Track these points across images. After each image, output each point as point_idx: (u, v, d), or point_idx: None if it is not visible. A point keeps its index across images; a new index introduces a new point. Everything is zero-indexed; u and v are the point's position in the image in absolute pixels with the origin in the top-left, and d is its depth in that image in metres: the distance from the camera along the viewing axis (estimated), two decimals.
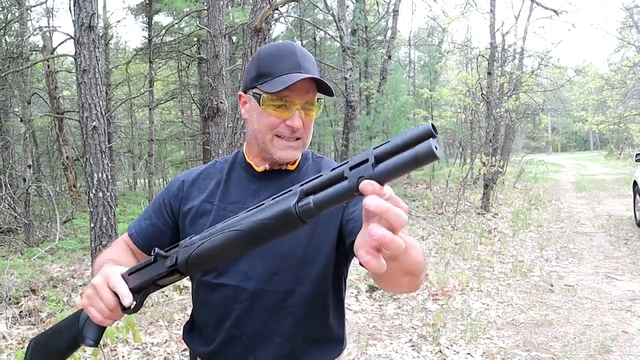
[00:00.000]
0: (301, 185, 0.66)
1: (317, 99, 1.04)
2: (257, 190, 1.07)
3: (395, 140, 0.56)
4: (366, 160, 0.57)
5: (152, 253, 0.84)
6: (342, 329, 1.12)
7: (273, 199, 0.69)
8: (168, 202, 1.13)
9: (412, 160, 0.54)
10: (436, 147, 0.53)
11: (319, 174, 0.64)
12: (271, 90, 0.99)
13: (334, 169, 0.62)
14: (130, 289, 0.83)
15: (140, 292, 0.85)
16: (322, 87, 1.02)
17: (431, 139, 0.53)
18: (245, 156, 1.12)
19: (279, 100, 1.00)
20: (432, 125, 0.54)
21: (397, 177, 0.56)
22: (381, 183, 0.56)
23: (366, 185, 0.55)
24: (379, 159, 0.57)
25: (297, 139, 1.04)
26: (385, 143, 0.57)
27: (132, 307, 0.83)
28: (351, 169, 0.59)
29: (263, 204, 0.70)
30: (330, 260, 1.03)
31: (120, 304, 0.83)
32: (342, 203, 0.61)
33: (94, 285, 0.85)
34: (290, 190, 0.67)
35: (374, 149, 0.58)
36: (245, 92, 1.08)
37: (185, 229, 1.08)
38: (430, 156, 0.53)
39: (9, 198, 7.81)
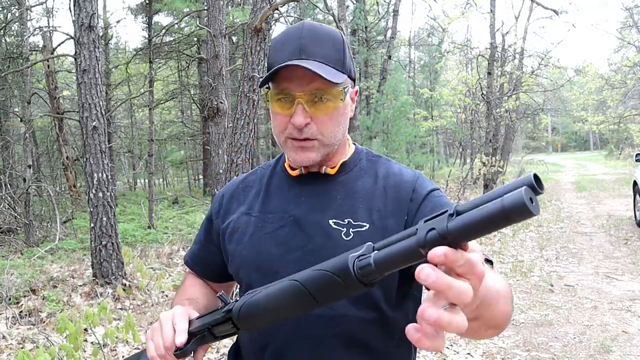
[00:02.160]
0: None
1: (342, 88, 0.86)
2: (297, 195, 0.93)
3: (487, 193, 0.44)
4: (445, 212, 0.46)
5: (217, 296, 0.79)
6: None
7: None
8: (213, 221, 1.03)
9: (496, 211, 0.41)
10: (531, 199, 0.40)
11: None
12: (266, 83, 0.86)
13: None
14: (190, 332, 0.80)
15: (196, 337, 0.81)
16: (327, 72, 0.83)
17: (525, 187, 0.41)
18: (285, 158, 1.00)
19: (281, 94, 0.85)
20: (535, 175, 0.42)
21: (478, 236, 0.43)
22: (456, 242, 0.44)
23: (435, 255, 0.43)
24: (460, 213, 0.45)
25: (308, 139, 0.87)
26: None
27: (184, 349, 0.80)
28: (426, 222, 0.47)
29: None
30: (391, 280, 0.86)
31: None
32: (409, 264, 0.49)
33: (160, 319, 0.82)
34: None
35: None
36: None
37: (225, 246, 0.98)
38: (520, 209, 0.40)
39: (9, 198, 7.82)
